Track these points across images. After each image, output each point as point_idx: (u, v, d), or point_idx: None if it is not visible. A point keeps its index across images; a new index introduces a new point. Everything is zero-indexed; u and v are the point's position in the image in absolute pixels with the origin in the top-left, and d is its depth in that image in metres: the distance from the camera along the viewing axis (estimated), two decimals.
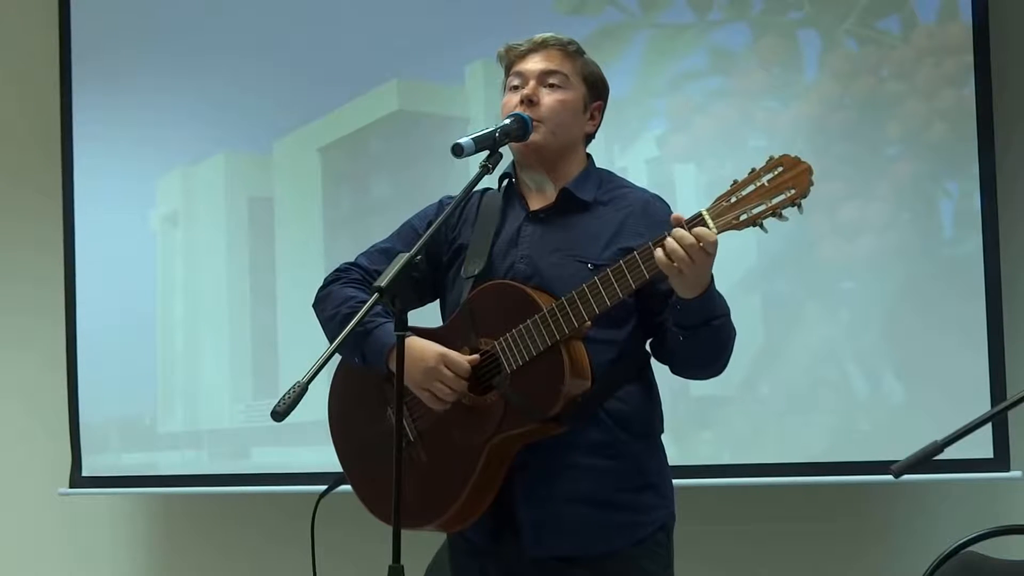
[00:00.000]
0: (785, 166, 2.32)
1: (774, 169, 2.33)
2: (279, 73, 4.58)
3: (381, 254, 2.76)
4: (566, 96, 2.66)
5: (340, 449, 2.79)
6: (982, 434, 3.60)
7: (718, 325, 2.49)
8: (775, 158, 2.34)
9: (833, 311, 3.89)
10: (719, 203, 2.37)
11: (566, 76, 2.67)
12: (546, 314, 2.48)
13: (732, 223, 2.35)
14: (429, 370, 2.53)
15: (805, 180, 2.31)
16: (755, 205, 2.33)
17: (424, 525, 2.61)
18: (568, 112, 2.66)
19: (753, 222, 2.34)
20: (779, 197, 2.32)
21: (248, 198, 4.69)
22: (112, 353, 4.80)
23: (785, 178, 2.32)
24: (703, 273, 2.40)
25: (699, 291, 2.42)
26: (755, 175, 2.34)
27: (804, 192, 2.31)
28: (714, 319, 2.48)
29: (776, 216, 2.33)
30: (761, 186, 2.33)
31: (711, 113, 4.00)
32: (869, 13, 3.88)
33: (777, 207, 2.32)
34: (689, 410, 3.85)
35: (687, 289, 2.42)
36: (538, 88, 2.65)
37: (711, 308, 2.46)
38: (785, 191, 2.31)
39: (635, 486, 2.59)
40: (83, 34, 4.91)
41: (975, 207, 3.76)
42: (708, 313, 2.46)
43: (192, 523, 4.97)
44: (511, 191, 2.74)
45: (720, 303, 2.50)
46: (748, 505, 4.15)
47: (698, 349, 2.53)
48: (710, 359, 2.59)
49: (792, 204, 2.32)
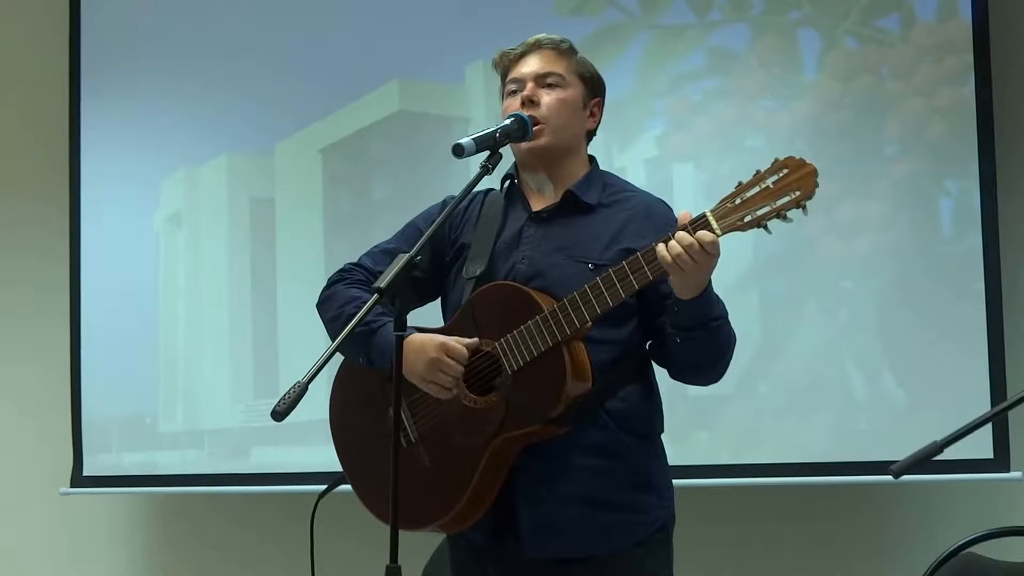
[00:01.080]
0: (791, 168, 2.31)
1: (779, 171, 2.32)
2: (280, 75, 4.59)
3: (385, 254, 2.76)
4: (565, 95, 2.67)
5: (341, 450, 2.79)
6: (982, 435, 3.59)
7: (715, 327, 2.49)
8: (780, 160, 2.33)
9: (832, 310, 3.88)
10: (723, 204, 2.36)
11: (562, 75, 2.67)
12: (547, 315, 2.48)
13: (736, 225, 2.34)
14: (432, 361, 2.53)
15: (811, 182, 2.30)
16: (759, 207, 2.32)
17: (425, 526, 2.62)
18: (568, 110, 2.67)
19: (757, 224, 2.33)
20: (784, 199, 2.31)
21: (250, 199, 4.70)
22: (114, 353, 4.81)
23: (790, 180, 2.31)
24: (705, 273, 2.40)
25: (697, 292, 2.42)
26: (760, 177, 2.33)
27: (809, 194, 2.30)
28: (711, 321, 2.48)
29: (781, 218, 2.32)
30: (766, 188, 2.32)
31: (710, 113, 4.00)
32: (868, 12, 3.88)
33: (782, 209, 2.31)
34: (687, 410, 3.84)
35: (686, 289, 2.42)
36: (537, 89, 2.66)
37: (708, 310, 2.46)
38: (790, 193, 2.30)
39: (635, 486, 2.59)
40: (91, 39, 4.94)
41: (974, 206, 3.75)
42: (705, 315, 2.46)
43: (192, 522, 4.98)
44: (513, 192, 2.74)
45: (718, 305, 2.50)
46: (745, 505, 4.14)
47: (696, 352, 2.53)
48: (708, 363, 2.59)
49: (797, 206, 2.31)
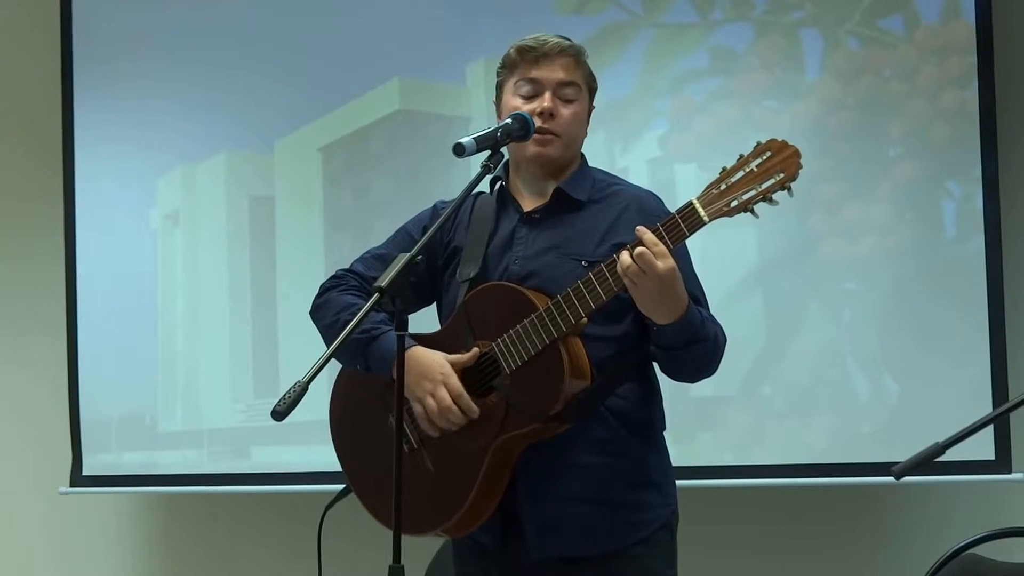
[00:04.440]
0: (773, 150, 2.33)
1: (762, 154, 2.34)
2: (280, 72, 4.57)
3: (377, 260, 2.76)
4: (580, 109, 2.66)
5: (342, 455, 2.78)
6: (984, 436, 3.59)
7: (699, 349, 2.48)
8: (763, 143, 2.34)
9: (835, 312, 3.88)
10: (709, 191, 2.37)
11: (579, 87, 2.66)
12: (542, 313, 2.48)
13: (723, 210, 2.35)
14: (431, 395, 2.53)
15: (794, 163, 2.31)
16: (745, 191, 2.34)
17: (430, 531, 2.61)
18: (581, 124, 2.68)
19: (744, 208, 2.34)
20: (768, 182, 2.32)
21: (249, 197, 4.69)
22: (113, 352, 4.79)
23: (774, 162, 2.32)
24: (655, 291, 2.37)
25: (671, 317, 2.41)
26: (744, 161, 2.35)
27: (793, 175, 2.31)
28: (695, 343, 2.47)
29: (767, 201, 2.33)
30: (750, 172, 2.33)
31: (713, 113, 3.99)
32: (871, 12, 3.87)
33: (767, 191, 2.33)
34: (690, 411, 3.84)
35: (654, 312, 2.41)
36: (555, 100, 2.63)
37: (689, 333, 2.45)
38: (774, 175, 2.32)
39: (637, 484, 2.59)
40: (84, 34, 4.90)
41: (977, 208, 3.75)
42: (686, 338, 2.46)
43: (193, 522, 4.97)
44: (504, 194, 2.73)
45: (702, 328, 2.48)
46: (748, 506, 4.14)
47: (679, 364, 2.55)
48: (692, 372, 2.60)
49: (782, 188, 2.32)
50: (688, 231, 2.38)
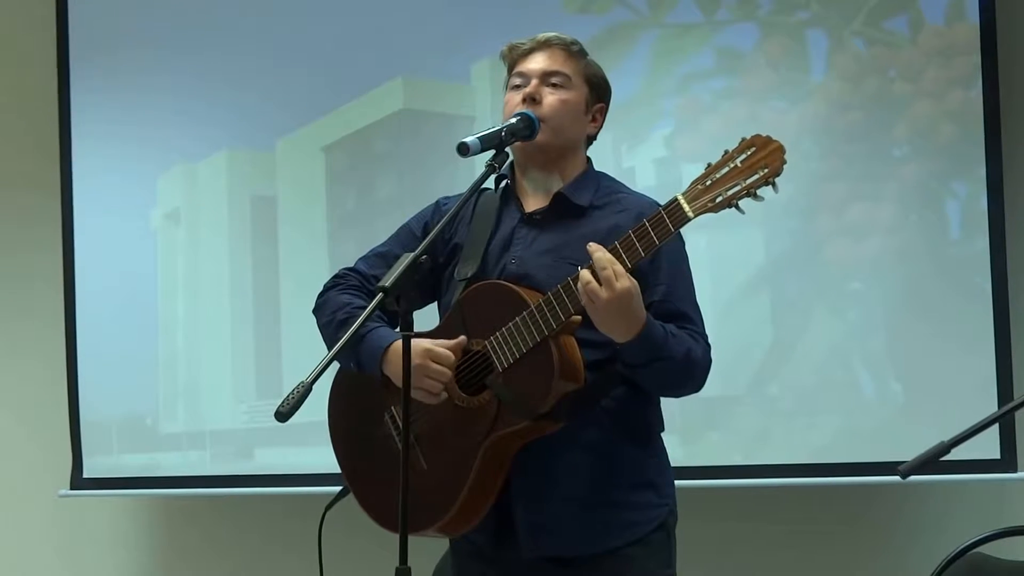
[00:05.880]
0: (757, 146, 2.34)
1: (747, 150, 2.34)
2: (283, 71, 4.55)
3: (379, 258, 2.76)
4: (568, 96, 2.65)
5: (340, 455, 2.77)
6: (989, 435, 3.54)
7: (662, 367, 2.47)
8: (747, 139, 2.35)
9: (841, 312, 3.88)
10: (694, 187, 2.38)
11: (568, 76, 2.66)
12: (534, 310, 2.47)
13: (708, 206, 2.36)
14: (417, 367, 2.49)
15: (778, 158, 2.32)
16: (730, 186, 2.34)
17: (424, 530, 2.60)
18: (569, 112, 2.66)
19: (729, 203, 2.35)
20: (753, 177, 2.33)
21: (251, 196, 4.68)
22: (113, 353, 4.77)
23: (758, 157, 2.33)
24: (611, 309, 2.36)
25: (626, 335, 2.40)
26: (728, 157, 2.36)
27: (777, 170, 2.32)
28: (656, 361, 2.45)
29: (752, 196, 2.34)
30: (735, 167, 2.34)
31: (719, 113, 3.98)
32: (877, 13, 3.87)
33: (752, 187, 2.33)
34: (698, 411, 3.82)
35: (606, 329, 2.40)
36: (540, 87, 2.64)
37: (650, 351, 2.44)
38: (759, 170, 2.32)
39: (632, 485, 2.59)
40: (82, 31, 4.86)
41: (982, 208, 3.75)
42: (646, 356, 2.45)
43: (195, 525, 4.95)
44: (508, 193, 2.73)
45: (664, 346, 2.45)
46: (755, 505, 4.14)
47: (646, 381, 2.54)
48: (661, 388, 2.59)
49: (766, 183, 2.33)
50: (673, 227, 2.39)
